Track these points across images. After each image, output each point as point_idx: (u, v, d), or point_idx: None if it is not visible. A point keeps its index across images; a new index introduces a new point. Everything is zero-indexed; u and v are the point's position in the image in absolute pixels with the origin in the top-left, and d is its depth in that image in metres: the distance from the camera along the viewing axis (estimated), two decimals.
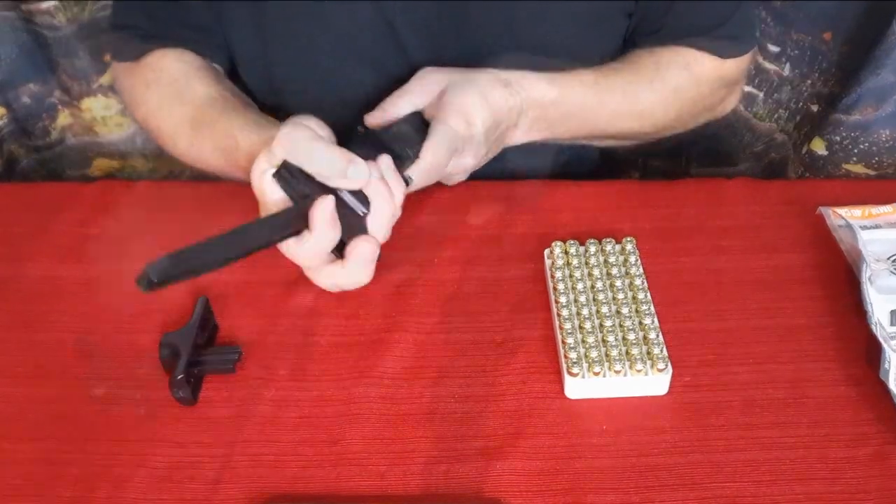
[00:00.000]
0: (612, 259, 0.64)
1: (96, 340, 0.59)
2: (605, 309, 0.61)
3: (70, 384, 0.57)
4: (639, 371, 0.57)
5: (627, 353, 0.58)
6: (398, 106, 0.66)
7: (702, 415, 0.57)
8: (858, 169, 0.93)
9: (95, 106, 1.00)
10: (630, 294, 0.62)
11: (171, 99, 0.73)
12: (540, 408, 0.57)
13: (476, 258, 0.67)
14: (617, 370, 0.57)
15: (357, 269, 0.59)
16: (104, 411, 0.57)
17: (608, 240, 0.66)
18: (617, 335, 0.59)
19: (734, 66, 0.78)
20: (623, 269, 0.64)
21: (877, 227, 0.69)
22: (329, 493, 0.53)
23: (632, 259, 0.65)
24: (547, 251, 0.66)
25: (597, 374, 0.57)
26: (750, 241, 0.68)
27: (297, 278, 0.66)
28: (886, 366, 0.58)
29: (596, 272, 0.64)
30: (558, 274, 0.64)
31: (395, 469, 0.54)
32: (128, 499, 0.53)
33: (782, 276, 0.66)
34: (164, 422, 0.57)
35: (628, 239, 0.66)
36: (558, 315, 0.61)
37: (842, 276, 0.66)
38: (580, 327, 0.60)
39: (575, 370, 0.57)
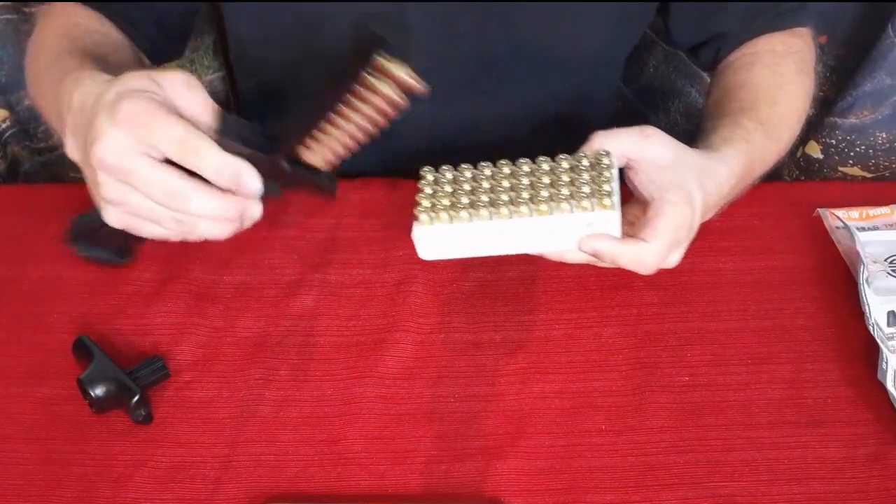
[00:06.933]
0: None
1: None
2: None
3: (70, 384, 0.57)
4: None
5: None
6: (603, 143, 0.56)
7: (700, 414, 0.57)
8: (855, 171, 0.93)
9: None
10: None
11: (56, 30, 0.66)
12: (540, 408, 0.58)
13: (475, 258, 0.67)
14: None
15: None
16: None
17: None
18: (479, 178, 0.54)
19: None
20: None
21: (874, 228, 0.69)
22: (329, 493, 0.53)
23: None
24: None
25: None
26: (748, 242, 0.69)
27: (297, 279, 0.66)
28: (884, 366, 0.58)
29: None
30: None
31: (395, 469, 0.54)
32: (128, 499, 0.53)
33: (780, 277, 0.66)
34: (164, 422, 0.57)
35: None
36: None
37: (840, 278, 0.66)
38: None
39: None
